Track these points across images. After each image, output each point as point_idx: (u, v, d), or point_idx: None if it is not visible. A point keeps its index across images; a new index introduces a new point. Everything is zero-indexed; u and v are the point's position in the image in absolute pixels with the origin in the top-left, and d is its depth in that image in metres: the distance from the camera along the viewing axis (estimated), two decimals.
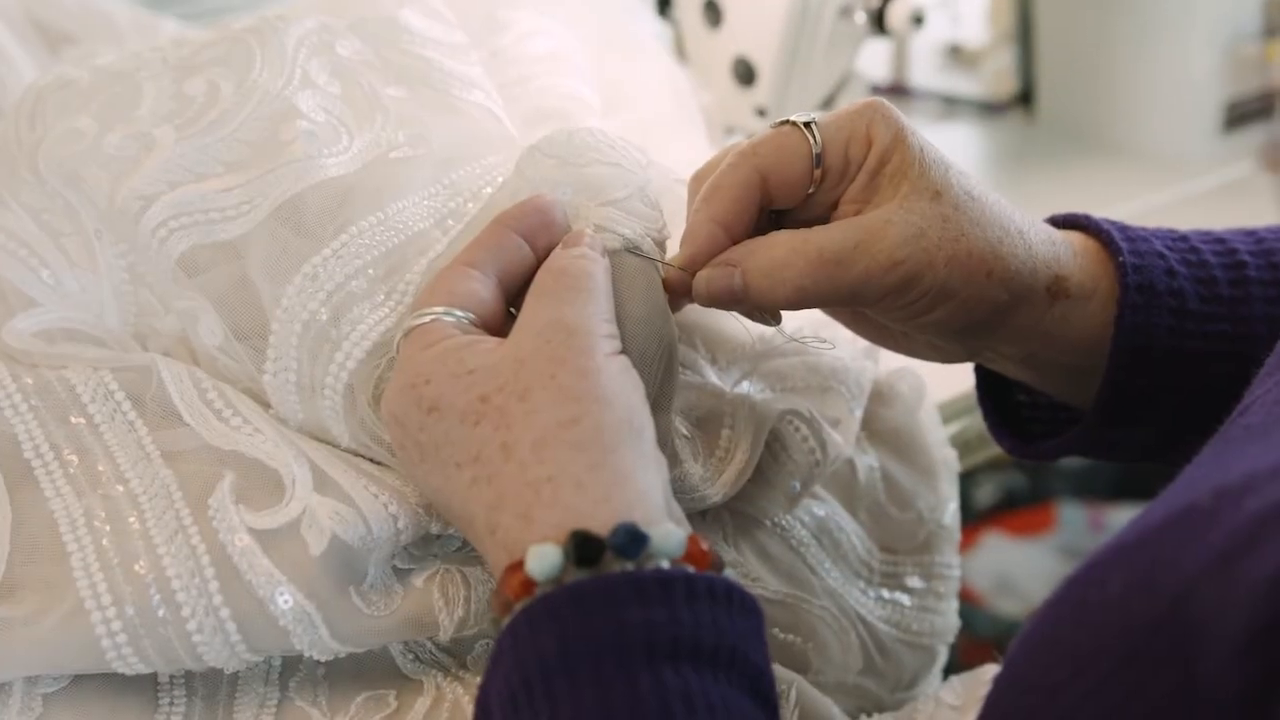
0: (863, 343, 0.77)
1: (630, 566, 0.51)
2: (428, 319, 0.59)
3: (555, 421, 0.54)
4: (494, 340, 0.59)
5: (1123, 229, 0.68)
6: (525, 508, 0.53)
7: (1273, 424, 0.50)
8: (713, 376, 0.72)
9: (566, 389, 0.55)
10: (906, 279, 0.61)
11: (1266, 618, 0.38)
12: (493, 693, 0.51)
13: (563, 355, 0.56)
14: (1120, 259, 0.66)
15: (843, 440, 0.72)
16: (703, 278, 0.63)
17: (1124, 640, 0.42)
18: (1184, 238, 0.69)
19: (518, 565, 0.52)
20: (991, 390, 0.75)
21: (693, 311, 0.73)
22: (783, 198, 0.64)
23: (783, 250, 0.62)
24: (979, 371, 0.75)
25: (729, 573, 0.55)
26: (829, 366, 0.75)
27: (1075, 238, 0.68)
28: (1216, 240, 0.69)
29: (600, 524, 0.52)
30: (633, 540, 0.51)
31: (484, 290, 0.61)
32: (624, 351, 0.59)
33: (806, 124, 0.63)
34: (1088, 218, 0.69)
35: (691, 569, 0.52)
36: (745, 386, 0.73)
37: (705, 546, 0.54)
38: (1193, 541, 0.43)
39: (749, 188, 0.63)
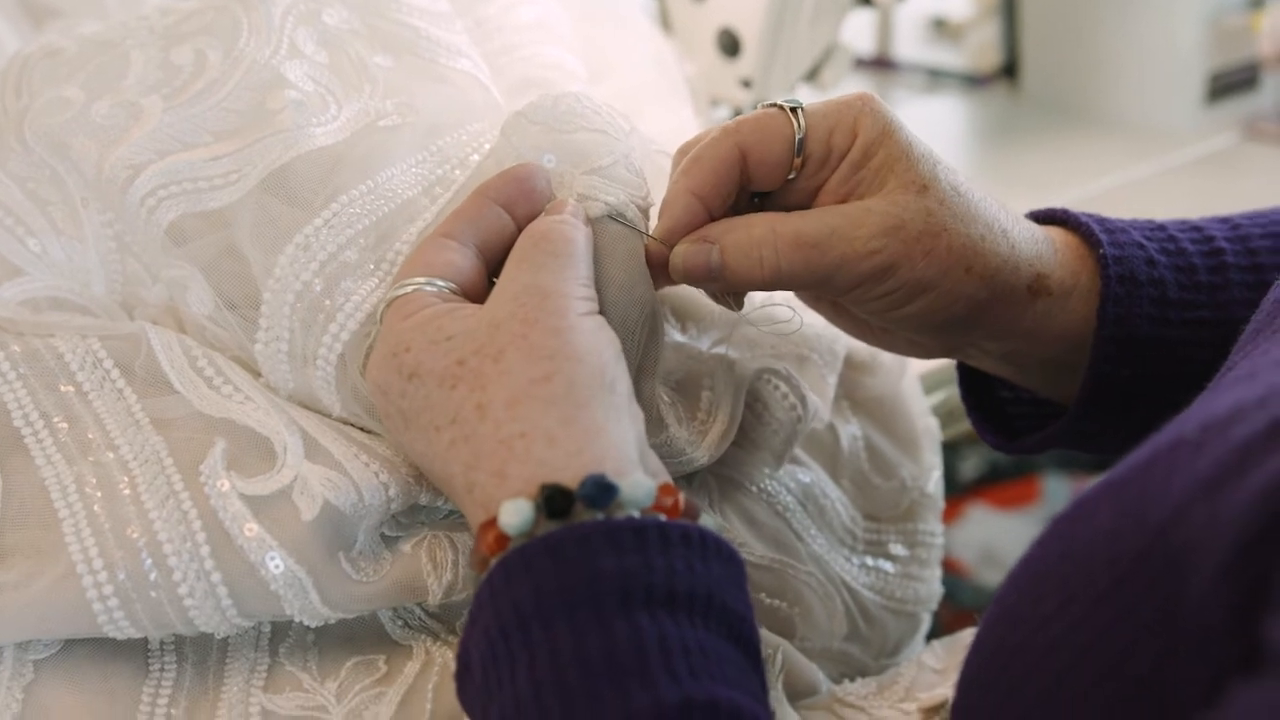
0: None
1: (600, 517, 0.52)
2: (409, 289, 0.60)
3: (527, 379, 0.55)
4: (473, 307, 0.59)
5: (1101, 221, 0.68)
6: (500, 464, 0.54)
7: (1255, 368, 0.51)
8: (687, 342, 0.72)
9: (538, 347, 0.55)
10: (882, 268, 0.62)
11: (1250, 536, 0.39)
12: (472, 645, 0.52)
13: (535, 316, 0.56)
14: (1101, 251, 0.66)
15: (822, 403, 0.73)
16: (679, 252, 0.63)
17: (1111, 569, 0.44)
18: (1161, 227, 0.69)
19: (491, 522, 0.53)
20: (974, 386, 0.76)
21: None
22: (762, 178, 0.64)
23: (761, 229, 0.62)
24: (961, 369, 0.75)
25: (705, 521, 0.56)
26: (800, 334, 0.75)
27: (1055, 234, 0.68)
28: (1194, 229, 0.70)
29: (571, 476, 0.53)
30: (601, 491, 0.52)
31: (463, 260, 0.61)
32: (604, 315, 0.60)
33: (793, 109, 0.63)
34: (1066, 212, 0.70)
35: (663, 518, 0.53)
36: (721, 350, 0.73)
37: (679, 495, 0.54)
38: (1180, 472, 0.44)
39: (728, 163, 0.63)
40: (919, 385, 0.84)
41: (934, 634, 0.82)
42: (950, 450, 0.88)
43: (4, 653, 0.61)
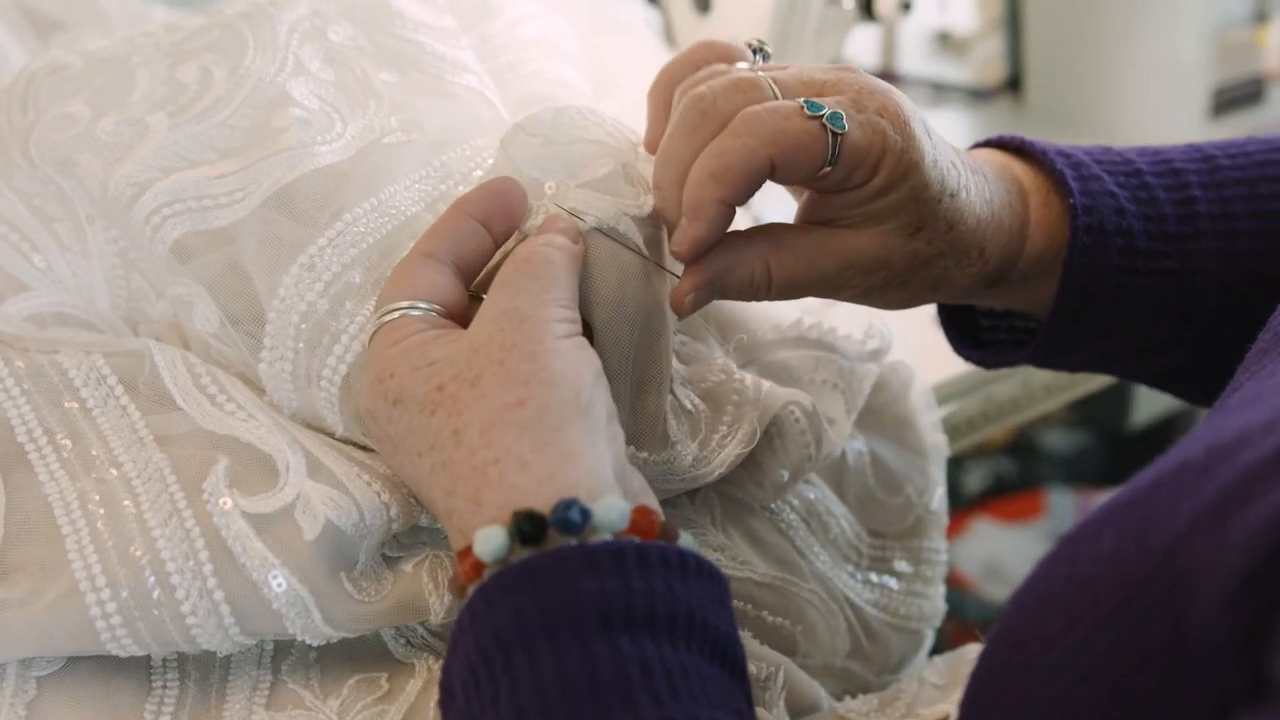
0: (868, 346, 0.77)
1: (573, 542, 0.52)
2: (395, 315, 0.60)
3: (502, 404, 0.55)
4: (457, 332, 0.59)
5: (1075, 166, 0.68)
6: (475, 491, 0.54)
7: (1263, 390, 0.51)
8: (721, 356, 0.72)
9: (514, 372, 0.55)
10: (860, 295, 0.66)
11: (1256, 564, 0.39)
12: (454, 672, 0.52)
13: (513, 340, 0.56)
14: (1071, 201, 0.67)
15: (836, 440, 0.73)
16: (687, 290, 0.63)
17: (1116, 593, 0.43)
18: (1136, 171, 0.69)
19: (467, 550, 0.53)
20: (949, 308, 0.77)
21: None
22: (780, 182, 0.64)
23: (759, 269, 0.64)
24: None
25: (684, 541, 0.56)
26: (835, 366, 0.76)
27: (1024, 175, 0.69)
28: (1169, 171, 0.69)
29: (543, 502, 0.53)
30: (576, 515, 0.52)
31: (444, 279, 0.61)
32: (592, 334, 0.60)
33: (835, 132, 0.61)
34: (1044, 153, 0.69)
35: (637, 540, 0.53)
36: (753, 372, 0.74)
37: (655, 516, 0.54)
38: (1185, 496, 0.44)
39: (760, 175, 0.62)
40: (931, 398, 0.84)
41: (937, 647, 0.82)
42: (955, 464, 0.88)
43: (7, 669, 0.61)
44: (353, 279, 0.64)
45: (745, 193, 0.62)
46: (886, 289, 0.66)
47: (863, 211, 0.63)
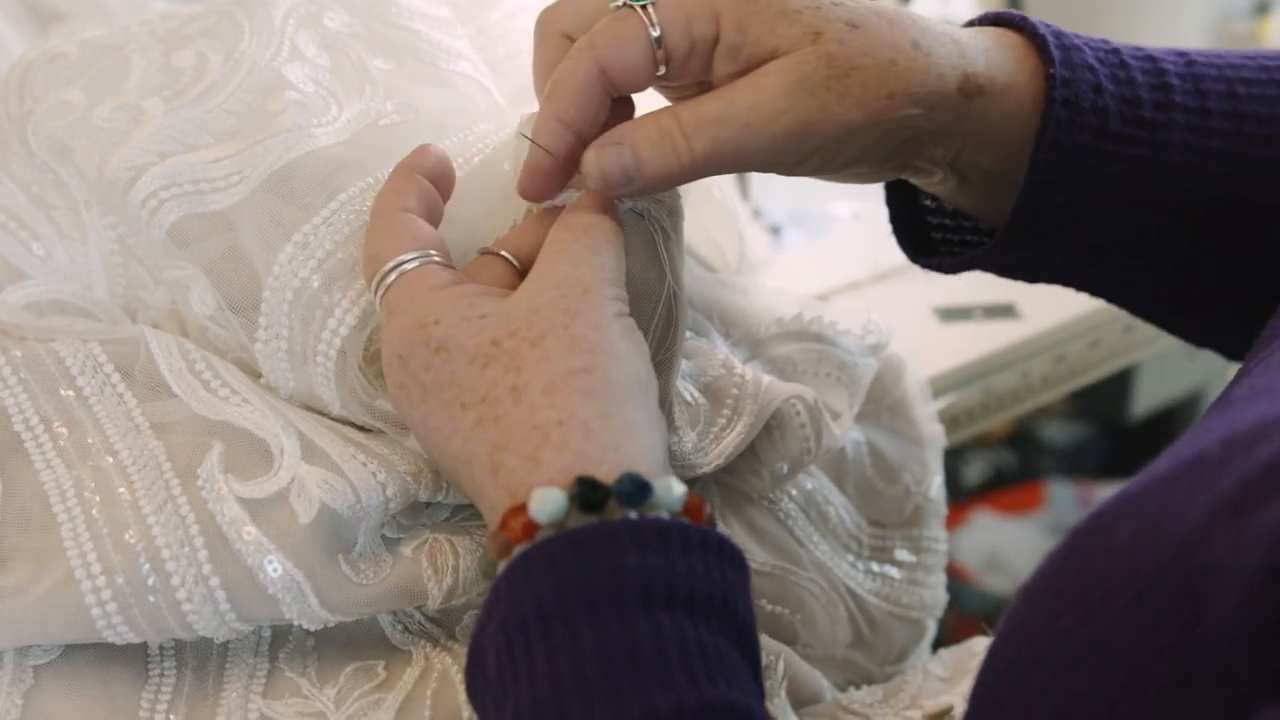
0: (869, 339, 0.77)
1: (633, 515, 0.52)
2: (415, 263, 0.59)
3: (567, 368, 0.54)
4: (503, 290, 0.59)
5: (1059, 35, 0.66)
6: (533, 449, 0.53)
7: (1275, 380, 0.50)
8: (725, 349, 0.72)
9: (580, 339, 0.55)
10: (797, 127, 0.59)
11: (1276, 562, 0.38)
12: (487, 639, 0.51)
13: (578, 308, 0.56)
14: (1051, 70, 0.63)
15: (839, 434, 0.73)
16: (590, 159, 0.61)
17: (1130, 587, 0.43)
18: (1115, 50, 0.67)
19: (520, 508, 0.52)
20: (900, 200, 0.74)
21: (711, 286, 0.74)
22: (629, 85, 0.62)
23: (666, 119, 0.60)
24: (889, 189, 0.73)
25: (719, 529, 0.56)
26: (837, 359, 0.75)
27: (994, 33, 0.65)
28: (1147, 58, 0.67)
29: (606, 472, 0.52)
30: (637, 489, 0.52)
31: (428, 231, 0.61)
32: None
33: (644, 4, 0.60)
34: (1025, 19, 0.67)
35: (686, 521, 0.53)
36: (755, 365, 0.74)
37: (701, 503, 0.54)
38: (1202, 490, 0.43)
39: (590, 83, 0.60)
40: (927, 389, 0.84)
41: (939, 639, 0.82)
42: (955, 456, 0.88)
43: (4, 658, 0.61)
44: (347, 255, 0.64)
45: (579, 107, 0.61)
46: (841, 140, 0.61)
47: (745, 56, 0.60)
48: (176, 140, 0.67)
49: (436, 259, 0.60)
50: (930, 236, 0.75)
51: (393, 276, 0.60)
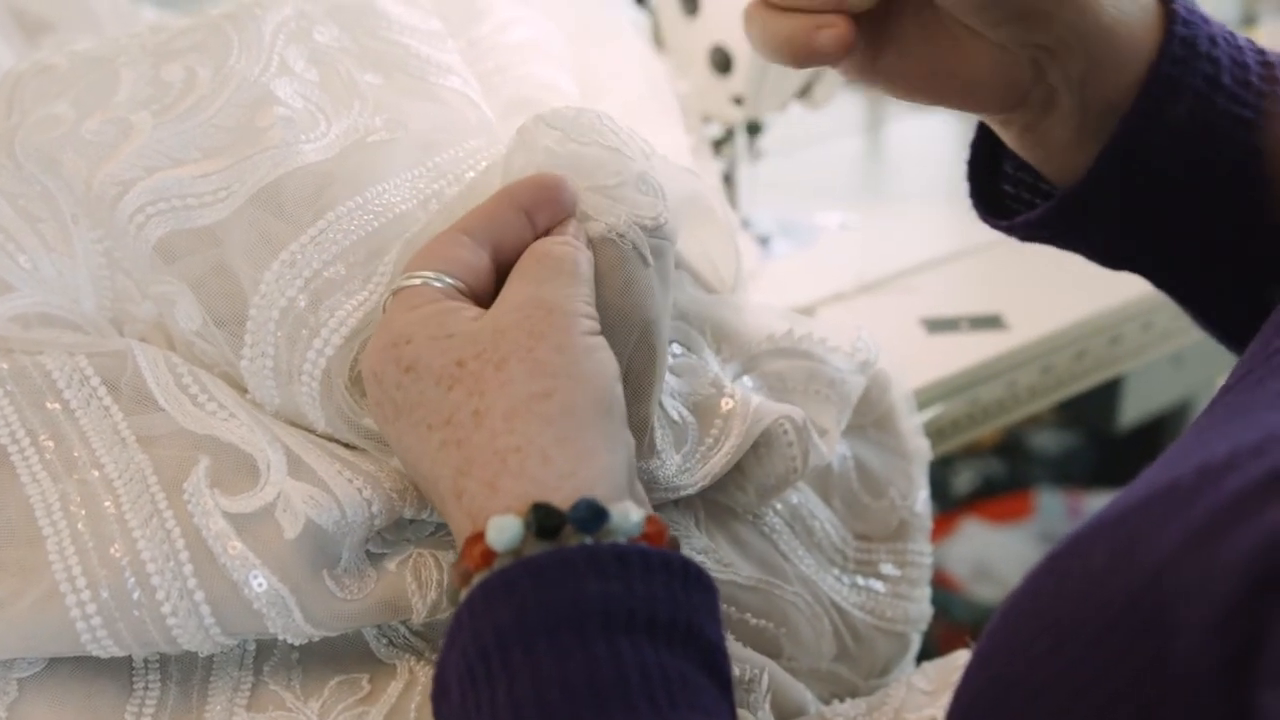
0: (858, 356, 0.77)
1: (588, 541, 0.52)
2: (416, 282, 0.60)
3: (528, 393, 0.55)
4: (477, 309, 0.59)
5: None
6: (492, 476, 0.54)
7: (1253, 403, 0.50)
8: (715, 367, 0.72)
9: (542, 363, 0.55)
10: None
11: (1240, 594, 0.38)
12: (450, 667, 0.52)
13: (542, 330, 0.56)
14: (1173, 5, 0.64)
15: (826, 451, 0.73)
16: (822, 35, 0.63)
17: (1102, 613, 0.43)
18: (1223, 24, 0.66)
19: (479, 536, 0.52)
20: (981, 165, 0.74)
21: (703, 304, 0.74)
22: None
23: None
24: (974, 146, 0.74)
25: (688, 552, 0.56)
26: (827, 376, 0.75)
27: None
28: (1246, 39, 0.67)
29: (562, 498, 0.52)
30: (593, 515, 0.52)
31: (475, 259, 0.61)
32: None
33: None
34: None
35: (645, 546, 0.53)
36: (746, 382, 0.74)
37: (662, 527, 0.54)
38: (1173, 518, 0.43)
39: None
40: (912, 403, 0.85)
41: (926, 648, 0.82)
42: (944, 465, 0.88)
43: None
44: (335, 274, 0.64)
45: None
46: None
47: None
48: (164, 155, 0.67)
49: (440, 281, 0.60)
50: (1005, 204, 0.74)
51: (391, 292, 0.60)
